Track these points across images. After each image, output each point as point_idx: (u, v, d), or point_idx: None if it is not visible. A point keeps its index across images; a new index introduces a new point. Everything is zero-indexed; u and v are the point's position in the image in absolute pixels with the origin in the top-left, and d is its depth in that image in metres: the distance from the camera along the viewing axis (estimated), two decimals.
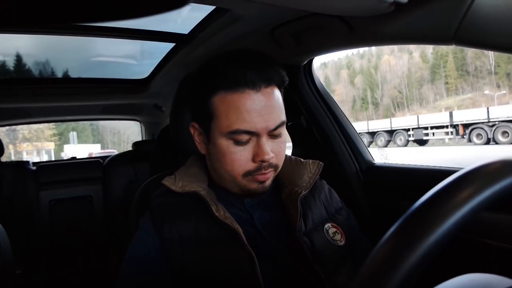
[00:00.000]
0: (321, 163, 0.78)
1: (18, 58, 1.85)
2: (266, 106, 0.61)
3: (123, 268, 0.65)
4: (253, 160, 0.63)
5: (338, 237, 0.70)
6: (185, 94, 0.73)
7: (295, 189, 0.72)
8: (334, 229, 0.71)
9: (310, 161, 0.78)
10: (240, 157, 0.63)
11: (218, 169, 0.68)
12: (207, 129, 0.65)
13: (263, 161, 0.63)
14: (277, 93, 0.65)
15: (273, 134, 0.64)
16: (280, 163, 0.68)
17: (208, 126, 0.65)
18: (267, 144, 0.63)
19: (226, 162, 0.64)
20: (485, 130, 14.33)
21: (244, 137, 0.62)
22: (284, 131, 0.68)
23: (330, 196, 0.78)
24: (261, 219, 0.69)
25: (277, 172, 0.69)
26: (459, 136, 15.83)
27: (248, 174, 0.64)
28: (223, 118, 0.62)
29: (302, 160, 0.79)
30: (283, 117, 0.65)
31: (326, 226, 0.71)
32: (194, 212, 0.67)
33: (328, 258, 0.66)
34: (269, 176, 0.66)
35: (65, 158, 4.06)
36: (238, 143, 0.62)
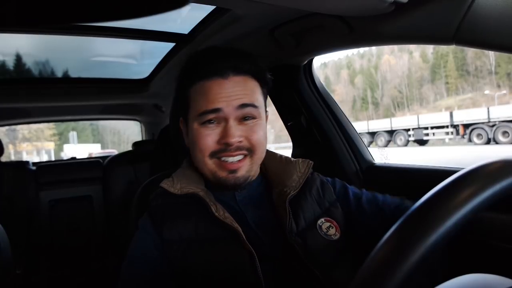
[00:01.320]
0: (311, 162, 0.78)
1: (18, 58, 1.85)
2: (233, 90, 0.66)
3: (124, 268, 0.65)
4: (218, 141, 0.66)
5: (332, 231, 0.70)
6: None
7: (284, 189, 0.72)
8: (328, 224, 0.71)
9: (300, 160, 0.78)
10: (207, 138, 0.67)
11: (194, 156, 0.72)
12: (187, 120, 0.72)
13: (227, 143, 0.65)
14: (251, 82, 0.69)
15: (244, 116, 0.67)
16: (256, 147, 0.69)
17: (187, 117, 0.72)
18: (235, 128, 0.66)
19: (195, 144, 0.68)
20: (485, 130, 14.31)
21: (210, 116, 0.66)
22: (259, 116, 0.69)
23: (323, 189, 0.77)
24: (254, 218, 0.70)
25: (256, 161, 0.70)
26: (460, 136, 15.82)
27: (214, 154, 0.67)
28: (195, 104, 0.68)
29: (292, 159, 0.79)
30: (254, 101, 0.68)
31: (319, 222, 0.71)
32: (193, 213, 0.67)
33: (322, 255, 0.66)
34: (241, 165, 0.67)
35: (65, 158, 4.06)
36: (206, 124, 0.66)
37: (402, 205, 0.74)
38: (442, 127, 16.65)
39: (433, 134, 17.09)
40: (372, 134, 19.51)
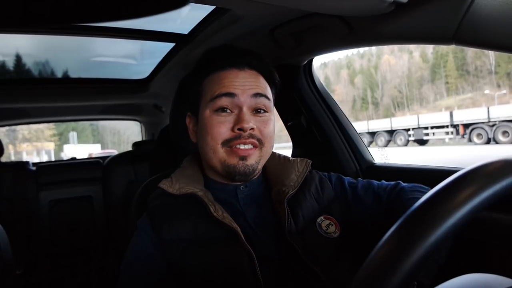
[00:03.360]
0: (309, 161, 0.78)
1: (18, 58, 1.85)
2: (248, 80, 0.68)
3: (123, 269, 0.65)
4: (233, 129, 0.66)
5: (332, 229, 0.70)
6: (183, 90, 0.78)
7: (282, 189, 0.72)
8: (328, 221, 0.71)
9: (298, 159, 0.79)
10: (220, 124, 0.66)
11: (203, 147, 0.70)
12: (197, 111, 0.72)
13: (242, 129, 0.65)
14: (262, 80, 0.71)
15: (257, 108, 0.68)
16: (266, 140, 0.69)
17: (198, 108, 0.71)
18: (249, 116, 0.66)
19: (207, 132, 0.67)
20: (485, 130, 14.31)
21: (224, 101, 0.66)
22: (270, 110, 0.71)
23: (322, 187, 0.77)
24: (254, 217, 0.70)
25: (264, 156, 0.70)
26: (460, 136, 15.81)
27: (227, 142, 0.66)
28: (208, 91, 0.69)
29: (290, 158, 0.79)
30: (267, 92, 0.70)
31: (318, 220, 0.71)
32: (192, 213, 0.67)
33: (322, 253, 0.66)
34: (252, 152, 0.67)
35: (65, 158, 4.06)
36: (219, 112, 0.66)
37: (397, 187, 0.75)
38: (442, 127, 16.64)
39: (433, 134, 17.08)
40: (372, 134, 19.51)
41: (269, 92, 0.71)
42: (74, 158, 2.61)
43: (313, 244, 0.66)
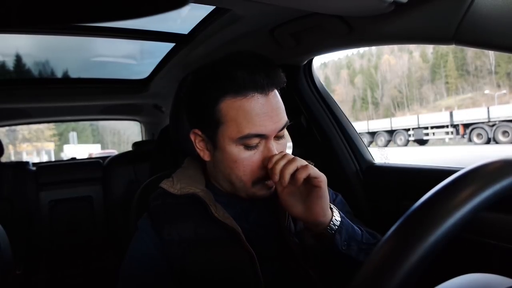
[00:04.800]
0: (311, 162, 0.78)
1: (18, 58, 1.85)
2: (273, 108, 0.62)
3: (123, 269, 0.65)
4: (262, 165, 0.63)
5: None
6: (185, 99, 0.72)
7: None
8: None
9: None
10: (251, 163, 0.63)
11: (228, 177, 0.66)
12: (213, 135, 0.64)
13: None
14: (278, 96, 0.66)
15: (277, 136, 0.66)
16: None
17: (215, 133, 0.64)
18: (275, 146, 0.64)
19: (238, 168, 0.64)
20: (485, 130, 14.31)
21: (255, 141, 0.62)
22: (285, 131, 0.69)
23: None
24: (255, 218, 0.70)
25: None
26: (460, 136, 15.82)
27: (258, 181, 0.64)
28: (232, 124, 0.61)
29: None
30: (286, 117, 0.66)
31: None
32: (193, 213, 0.67)
33: (319, 255, 0.66)
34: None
35: (65, 158, 4.06)
36: (248, 147, 0.63)
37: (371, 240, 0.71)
38: (442, 126, 16.65)
39: (433, 134, 17.09)
40: (372, 134, 19.51)
41: (285, 111, 0.67)
42: (74, 158, 2.61)
43: (311, 245, 0.66)
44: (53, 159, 16.11)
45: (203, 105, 0.64)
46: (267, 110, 0.61)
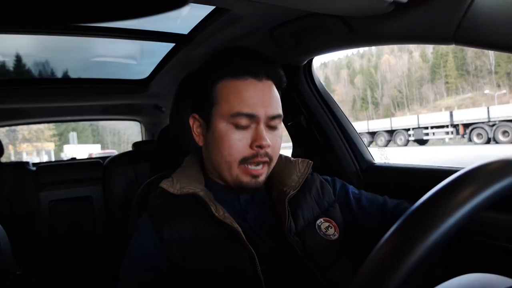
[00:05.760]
0: (310, 161, 0.78)
1: (18, 59, 1.85)
2: (266, 95, 0.66)
3: (123, 268, 0.65)
4: (251, 146, 0.65)
5: (331, 231, 0.70)
6: (188, 89, 0.75)
7: (283, 189, 0.72)
8: (327, 224, 0.71)
9: (300, 160, 0.79)
10: (238, 142, 0.65)
11: (214, 157, 0.69)
12: (208, 116, 0.68)
13: (260, 146, 0.65)
14: (275, 90, 0.69)
15: (270, 125, 0.67)
16: (275, 158, 0.70)
17: (209, 114, 0.68)
18: (265, 132, 0.66)
19: (224, 146, 0.66)
20: (485, 130, 14.31)
21: (244, 121, 0.65)
22: (280, 127, 0.71)
23: (322, 190, 0.77)
24: (255, 217, 0.70)
25: (271, 169, 0.71)
26: (460, 136, 15.81)
27: (244, 161, 0.66)
28: (225, 102, 0.65)
29: (292, 159, 0.79)
30: (281, 111, 0.69)
31: (318, 221, 0.71)
32: (193, 213, 0.67)
33: (321, 254, 0.66)
34: (263, 171, 0.68)
35: (65, 158, 4.06)
36: (238, 127, 0.65)
37: (401, 205, 0.74)
38: (442, 126, 16.65)
39: (433, 133, 17.09)
40: (372, 134, 19.51)
41: (281, 108, 0.70)
42: (74, 158, 2.61)
43: (312, 244, 0.66)
44: (53, 159, 16.12)
45: (202, 88, 0.69)
46: (260, 95, 0.65)
